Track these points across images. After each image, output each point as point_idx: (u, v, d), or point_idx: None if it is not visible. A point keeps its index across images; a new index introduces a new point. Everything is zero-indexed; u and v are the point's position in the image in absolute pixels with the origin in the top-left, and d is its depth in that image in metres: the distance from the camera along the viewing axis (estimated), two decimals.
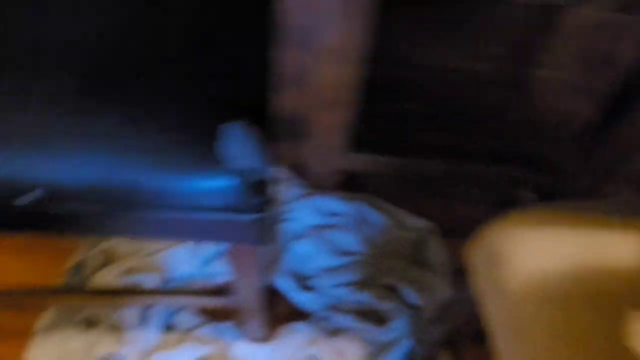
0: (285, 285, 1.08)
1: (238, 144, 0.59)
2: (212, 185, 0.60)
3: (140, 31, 0.67)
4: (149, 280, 1.06)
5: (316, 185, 1.16)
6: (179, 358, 0.99)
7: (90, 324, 1.02)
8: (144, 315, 1.03)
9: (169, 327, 1.05)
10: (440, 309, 1.00)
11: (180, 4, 0.70)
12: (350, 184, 1.18)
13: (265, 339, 1.02)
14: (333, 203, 1.16)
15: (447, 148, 1.13)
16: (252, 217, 0.63)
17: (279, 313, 1.05)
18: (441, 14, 1.08)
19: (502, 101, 1.17)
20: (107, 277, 1.05)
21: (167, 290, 0.92)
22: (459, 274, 0.80)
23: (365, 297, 1.07)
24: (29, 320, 1.02)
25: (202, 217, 0.63)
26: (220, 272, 1.08)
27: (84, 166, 0.59)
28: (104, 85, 0.62)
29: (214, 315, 1.07)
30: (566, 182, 1.06)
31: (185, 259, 1.08)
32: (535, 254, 0.53)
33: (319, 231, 1.13)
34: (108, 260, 1.10)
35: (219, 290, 0.91)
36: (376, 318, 1.06)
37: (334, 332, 1.05)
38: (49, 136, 0.59)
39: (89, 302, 0.91)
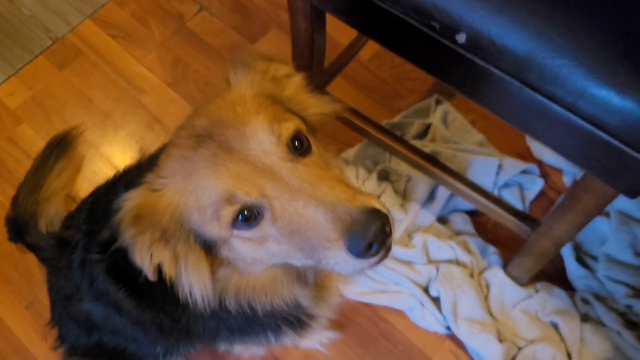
0: (565, 248, 1.03)
1: None
2: (618, 102, 0.56)
3: None
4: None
5: None
6: (440, 249, 1.02)
7: (382, 177, 1.10)
8: (432, 195, 1.07)
9: (440, 219, 1.08)
10: None
11: None
12: None
13: (521, 282, 1.00)
14: None
15: None
16: None
17: (545, 269, 1.01)
18: None
19: None
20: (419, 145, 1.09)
21: (471, 182, 0.92)
22: None
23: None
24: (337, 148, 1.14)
25: (583, 127, 0.60)
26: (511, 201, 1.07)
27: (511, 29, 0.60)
28: None
29: (483, 233, 1.07)
30: None
31: (487, 172, 1.08)
32: None
33: (628, 221, 1.03)
34: (425, 133, 1.15)
35: (517, 214, 0.90)
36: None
37: (585, 317, 0.99)
38: None
39: (401, 153, 0.94)
